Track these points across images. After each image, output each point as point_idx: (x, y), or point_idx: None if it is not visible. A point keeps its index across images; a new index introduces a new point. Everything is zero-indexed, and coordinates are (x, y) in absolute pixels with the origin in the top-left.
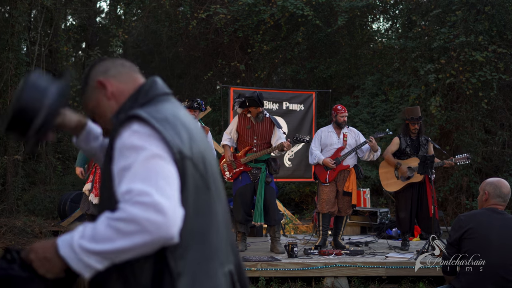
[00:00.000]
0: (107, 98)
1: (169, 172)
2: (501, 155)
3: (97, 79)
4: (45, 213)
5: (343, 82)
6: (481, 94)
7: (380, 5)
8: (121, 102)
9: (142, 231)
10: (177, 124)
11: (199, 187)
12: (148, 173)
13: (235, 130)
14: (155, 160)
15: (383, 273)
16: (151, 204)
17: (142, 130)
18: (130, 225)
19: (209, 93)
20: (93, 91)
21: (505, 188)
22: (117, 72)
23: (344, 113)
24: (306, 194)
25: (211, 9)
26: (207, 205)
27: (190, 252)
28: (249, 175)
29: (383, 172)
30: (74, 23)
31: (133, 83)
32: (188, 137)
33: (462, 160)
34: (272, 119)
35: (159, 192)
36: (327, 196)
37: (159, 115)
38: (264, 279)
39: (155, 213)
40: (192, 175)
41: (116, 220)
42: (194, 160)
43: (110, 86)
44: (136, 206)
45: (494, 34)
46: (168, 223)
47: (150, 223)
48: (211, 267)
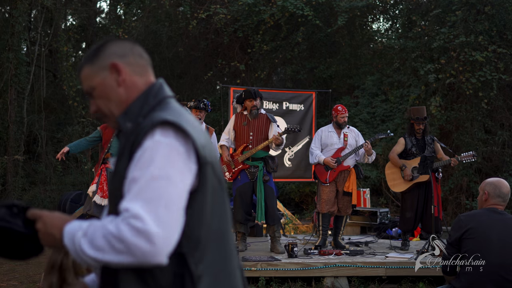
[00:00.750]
0: (117, 84)
1: (176, 194)
2: (501, 155)
3: (112, 61)
4: None
5: (343, 82)
6: (481, 94)
7: (380, 5)
8: (131, 94)
9: (129, 253)
10: (195, 125)
11: (216, 189)
12: (152, 195)
13: (232, 129)
14: (164, 181)
15: (383, 273)
16: (142, 231)
17: (165, 140)
18: (120, 244)
19: (209, 93)
20: (102, 70)
21: (505, 188)
22: (135, 62)
23: (344, 113)
24: (306, 194)
25: (211, 9)
26: (223, 205)
27: (210, 253)
28: (247, 173)
29: (389, 173)
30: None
31: (145, 79)
32: (204, 141)
33: (467, 158)
34: (268, 115)
35: (154, 220)
36: (327, 196)
37: (183, 119)
38: (264, 279)
39: (144, 241)
40: (211, 178)
41: (110, 234)
42: (213, 164)
43: (124, 73)
44: (128, 228)
45: (494, 34)
46: (155, 252)
47: (137, 248)
48: (230, 266)
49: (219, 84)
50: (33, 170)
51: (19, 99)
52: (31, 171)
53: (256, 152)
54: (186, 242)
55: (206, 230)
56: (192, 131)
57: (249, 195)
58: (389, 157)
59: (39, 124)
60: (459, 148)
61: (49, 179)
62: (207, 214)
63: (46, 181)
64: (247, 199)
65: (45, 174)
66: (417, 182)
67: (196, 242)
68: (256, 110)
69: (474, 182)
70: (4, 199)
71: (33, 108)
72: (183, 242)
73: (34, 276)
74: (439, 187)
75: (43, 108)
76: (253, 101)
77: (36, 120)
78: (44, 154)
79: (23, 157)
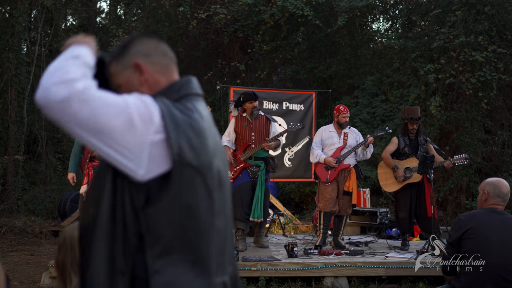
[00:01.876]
0: (139, 83)
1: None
2: (501, 155)
3: (136, 60)
4: (45, 213)
5: (343, 82)
6: (481, 94)
7: (380, 5)
8: (153, 93)
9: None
10: (192, 128)
11: (201, 196)
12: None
13: (233, 131)
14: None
15: (383, 273)
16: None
17: (152, 108)
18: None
19: (209, 93)
20: (127, 68)
21: (504, 188)
22: (158, 61)
23: (346, 113)
24: (306, 194)
25: (211, 9)
26: (205, 214)
27: (171, 255)
28: (249, 172)
29: (382, 173)
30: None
31: (168, 77)
32: (200, 144)
33: (460, 160)
34: (267, 115)
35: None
36: (330, 195)
37: (178, 112)
38: (264, 279)
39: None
40: (192, 182)
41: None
42: (200, 169)
43: (146, 73)
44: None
45: (494, 34)
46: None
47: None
48: (193, 275)
49: (219, 84)
50: (33, 170)
51: (19, 99)
52: (31, 171)
53: (258, 151)
54: (147, 234)
55: (172, 230)
56: (177, 126)
57: (248, 193)
58: (382, 156)
59: (39, 124)
60: (459, 148)
61: (49, 179)
62: (175, 216)
63: (46, 181)
64: (247, 197)
65: (45, 174)
66: (409, 183)
67: (158, 237)
68: (256, 110)
69: (474, 182)
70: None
71: (33, 108)
72: (144, 233)
73: (34, 276)
74: (430, 187)
75: None
76: (253, 103)
77: (36, 120)
78: (44, 154)
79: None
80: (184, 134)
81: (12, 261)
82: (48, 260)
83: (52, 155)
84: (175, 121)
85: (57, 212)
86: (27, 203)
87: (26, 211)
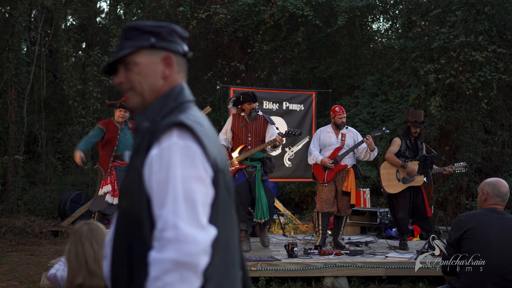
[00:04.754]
0: (161, 77)
1: (205, 191)
2: (501, 155)
3: (168, 54)
4: (45, 213)
5: (343, 82)
6: (481, 94)
7: (380, 5)
8: (165, 89)
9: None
10: (208, 134)
11: (225, 196)
12: (186, 199)
13: (230, 130)
14: (192, 182)
15: (383, 273)
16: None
17: (182, 142)
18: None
19: (209, 93)
20: (153, 55)
21: (503, 187)
22: (179, 64)
23: (342, 114)
24: (306, 194)
25: (211, 9)
26: (229, 211)
27: (216, 258)
28: (244, 173)
29: (385, 173)
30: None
31: (178, 78)
32: (217, 148)
33: (460, 168)
34: (265, 117)
35: (195, 226)
36: (326, 195)
37: (198, 124)
38: (264, 279)
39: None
40: (222, 186)
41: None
42: (224, 171)
43: (172, 70)
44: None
45: (494, 34)
46: (198, 250)
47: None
48: (233, 272)
49: (219, 84)
50: (33, 170)
51: (19, 99)
52: (31, 171)
53: (254, 153)
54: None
55: (215, 237)
56: (205, 138)
57: (247, 194)
58: (385, 157)
59: (39, 124)
60: (459, 148)
61: (49, 179)
62: (217, 220)
63: (46, 181)
64: (246, 197)
65: (45, 174)
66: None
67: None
68: (255, 112)
69: (474, 182)
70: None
71: (33, 108)
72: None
73: (34, 276)
74: (422, 188)
75: (43, 108)
76: (252, 104)
77: (36, 120)
78: (44, 154)
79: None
80: (208, 141)
81: (12, 261)
82: (48, 260)
83: (52, 155)
84: (202, 132)
85: (57, 212)
86: (27, 203)
87: (26, 211)
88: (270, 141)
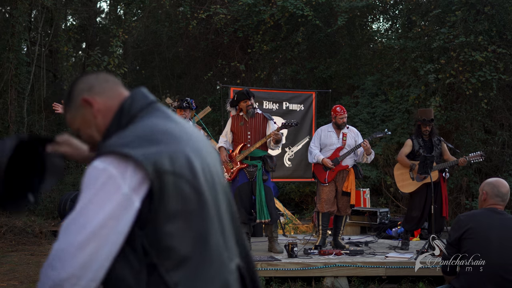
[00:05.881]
0: (93, 116)
1: (96, 224)
2: (501, 155)
3: (82, 97)
4: (45, 213)
5: (343, 82)
6: (480, 94)
7: (380, 5)
8: (108, 119)
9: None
10: (156, 138)
11: (187, 196)
12: (72, 230)
13: (230, 131)
14: (85, 216)
15: (383, 273)
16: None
17: (101, 165)
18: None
19: (209, 93)
20: (78, 109)
21: (503, 187)
22: (102, 89)
23: (343, 114)
24: (306, 194)
25: (211, 9)
26: (200, 210)
27: (187, 261)
28: (246, 173)
29: (398, 174)
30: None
31: (118, 98)
32: (171, 147)
33: (476, 157)
34: (264, 114)
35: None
36: (327, 195)
37: (129, 139)
38: (264, 279)
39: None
40: (175, 187)
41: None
42: (178, 171)
43: (96, 103)
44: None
45: (494, 34)
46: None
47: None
48: (212, 270)
49: (219, 84)
50: None
51: (19, 99)
52: None
53: (254, 150)
54: (153, 252)
55: (176, 239)
56: (143, 146)
57: (248, 195)
58: (397, 159)
59: (39, 124)
60: (459, 148)
61: None
62: (176, 225)
63: None
64: (247, 199)
65: None
66: (426, 182)
67: (166, 251)
68: (252, 109)
69: (474, 182)
70: None
71: (33, 108)
72: (150, 253)
73: (34, 276)
74: (445, 186)
75: (43, 108)
76: (247, 101)
77: (36, 120)
78: None
79: None
80: (147, 144)
81: (12, 261)
82: None
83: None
84: (136, 143)
85: (57, 212)
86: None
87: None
88: (267, 135)
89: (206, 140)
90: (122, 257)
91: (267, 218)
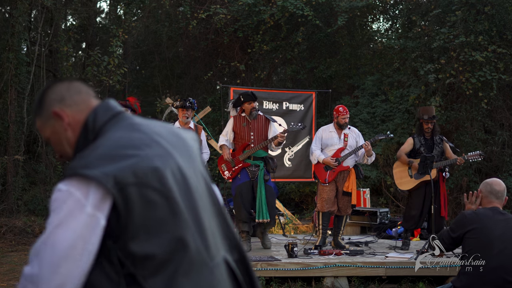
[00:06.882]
0: (64, 129)
1: (65, 244)
2: (501, 155)
3: (53, 109)
4: (45, 213)
5: (343, 82)
6: (481, 94)
7: (380, 5)
8: (77, 133)
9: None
10: (117, 154)
11: (157, 204)
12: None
13: (231, 131)
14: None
15: (383, 273)
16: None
17: (65, 187)
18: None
19: (209, 93)
20: (48, 119)
21: (496, 185)
22: (73, 101)
23: (345, 115)
24: (306, 194)
25: (211, 9)
26: (172, 215)
27: (165, 267)
28: (248, 172)
29: (397, 172)
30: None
31: (86, 111)
32: (133, 160)
33: (474, 157)
34: (266, 115)
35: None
36: (327, 195)
37: (89, 159)
38: (264, 279)
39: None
40: (141, 197)
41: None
42: (142, 181)
43: (66, 117)
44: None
45: (494, 34)
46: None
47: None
48: (192, 274)
49: (219, 84)
50: (33, 170)
51: (19, 99)
52: (31, 171)
53: (257, 151)
54: (129, 263)
55: (150, 247)
56: (98, 164)
57: (249, 194)
58: (396, 156)
59: None
60: (459, 148)
61: (49, 179)
62: (145, 233)
63: (46, 181)
64: (248, 197)
65: (45, 174)
66: (425, 181)
67: (141, 260)
68: (255, 111)
69: (474, 182)
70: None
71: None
72: (126, 264)
73: None
74: (444, 186)
75: None
76: (252, 103)
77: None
78: (44, 154)
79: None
80: (106, 161)
81: (12, 261)
82: None
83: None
84: (87, 164)
85: None
86: (27, 203)
87: (26, 211)
88: (272, 138)
89: (183, 140)
90: (100, 270)
91: (267, 218)
